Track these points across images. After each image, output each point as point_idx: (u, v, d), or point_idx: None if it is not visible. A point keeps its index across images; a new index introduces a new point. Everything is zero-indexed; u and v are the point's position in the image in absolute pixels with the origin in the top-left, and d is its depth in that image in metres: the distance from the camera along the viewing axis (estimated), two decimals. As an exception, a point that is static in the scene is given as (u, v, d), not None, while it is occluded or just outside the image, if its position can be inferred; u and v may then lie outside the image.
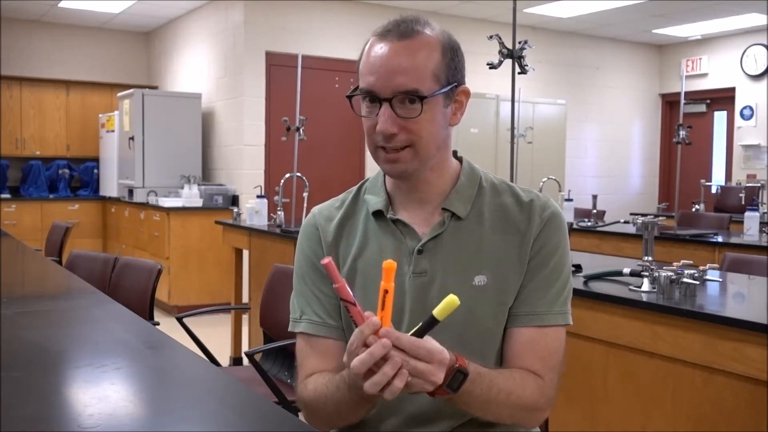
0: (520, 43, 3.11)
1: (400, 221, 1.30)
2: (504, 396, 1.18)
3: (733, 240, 4.48)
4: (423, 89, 1.20)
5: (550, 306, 1.27)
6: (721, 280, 2.60)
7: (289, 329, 1.34)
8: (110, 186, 7.82)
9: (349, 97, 1.28)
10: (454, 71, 1.25)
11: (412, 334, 1.05)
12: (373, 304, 1.07)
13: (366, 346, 1.03)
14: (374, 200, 1.34)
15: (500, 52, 3.12)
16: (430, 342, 1.06)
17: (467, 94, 1.29)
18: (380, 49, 1.21)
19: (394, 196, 1.34)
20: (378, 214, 1.32)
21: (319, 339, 1.31)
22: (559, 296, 1.28)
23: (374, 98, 1.22)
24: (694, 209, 6.21)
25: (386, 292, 1.05)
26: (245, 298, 5.19)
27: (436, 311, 1.04)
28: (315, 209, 1.41)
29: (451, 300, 1.03)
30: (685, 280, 2.24)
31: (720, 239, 4.44)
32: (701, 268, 2.44)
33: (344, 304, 1.07)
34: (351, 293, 1.06)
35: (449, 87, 1.24)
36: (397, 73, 1.19)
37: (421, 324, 1.07)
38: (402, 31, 1.22)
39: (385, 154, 1.23)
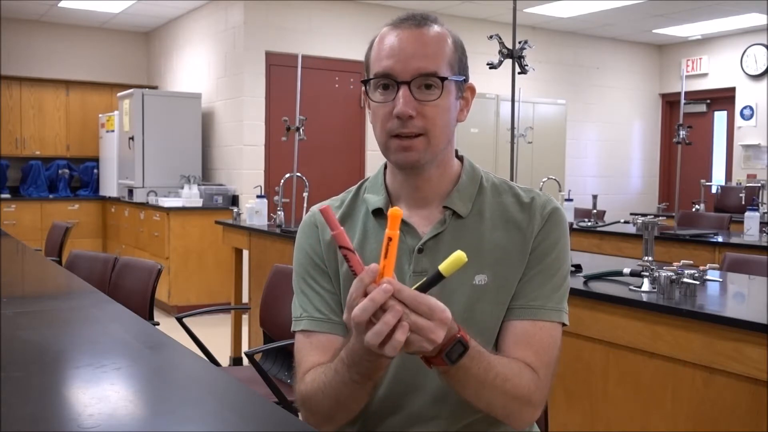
0: (520, 43, 3.11)
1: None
2: (500, 381, 1.16)
3: (733, 240, 4.48)
4: (441, 73, 1.22)
5: (545, 301, 1.25)
6: (721, 280, 2.60)
7: (292, 329, 1.33)
8: (110, 186, 7.82)
9: (364, 82, 1.28)
10: (464, 66, 1.29)
11: (415, 289, 1.01)
12: None
13: (366, 295, 0.99)
14: (374, 199, 1.33)
15: (500, 52, 3.12)
16: (432, 299, 1.01)
17: (473, 91, 1.32)
18: (397, 35, 1.23)
19: (394, 194, 1.33)
20: (378, 213, 1.31)
21: (321, 334, 1.29)
22: (555, 292, 1.27)
23: (388, 85, 1.23)
24: (694, 209, 6.21)
25: (390, 239, 0.99)
26: (245, 298, 5.19)
27: (443, 266, 0.99)
28: (314, 208, 1.39)
29: (459, 256, 0.98)
30: (685, 280, 2.24)
31: (720, 239, 4.44)
32: (701, 268, 2.44)
33: (343, 252, 1.03)
34: (349, 240, 1.03)
35: (462, 78, 1.27)
36: (416, 57, 1.21)
37: (425, 279, 1.02)
38: (418, 20, 1.25)
39: (399, 141, 1.23)
